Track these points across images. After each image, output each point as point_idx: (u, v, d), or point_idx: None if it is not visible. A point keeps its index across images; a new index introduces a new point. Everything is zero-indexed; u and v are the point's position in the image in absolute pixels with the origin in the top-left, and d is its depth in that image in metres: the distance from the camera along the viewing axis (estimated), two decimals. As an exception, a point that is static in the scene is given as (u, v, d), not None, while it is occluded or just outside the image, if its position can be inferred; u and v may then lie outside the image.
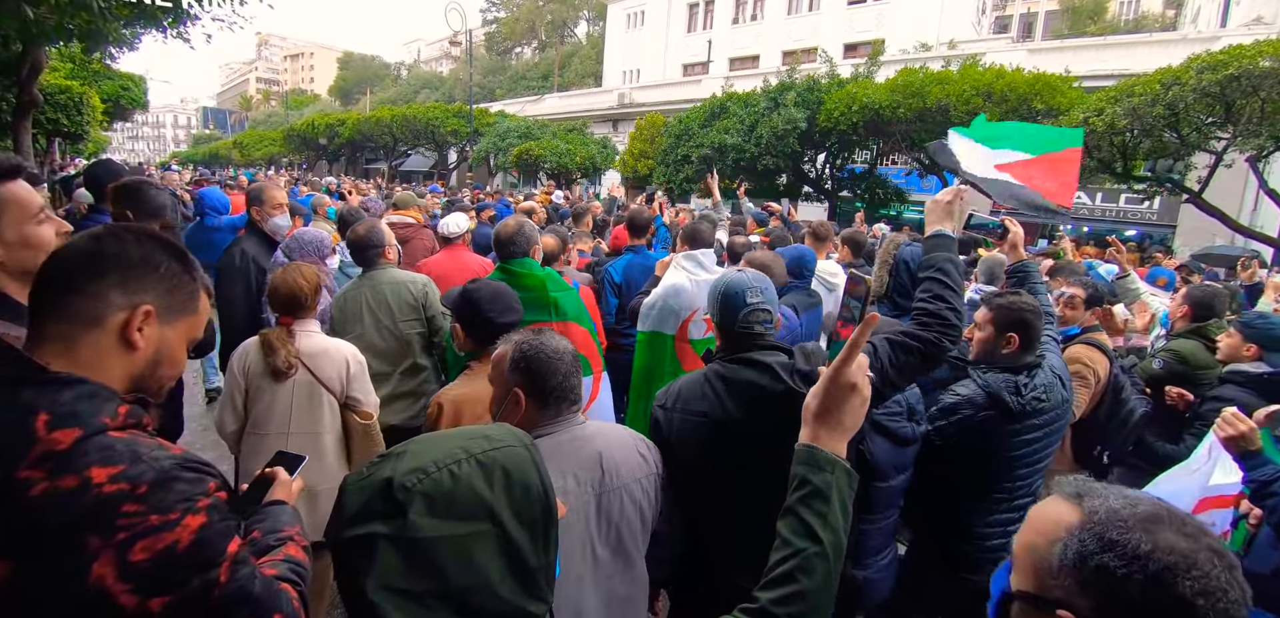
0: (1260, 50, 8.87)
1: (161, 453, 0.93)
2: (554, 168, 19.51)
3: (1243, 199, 12.89)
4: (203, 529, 0.91)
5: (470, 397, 1.99)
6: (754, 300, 1.68)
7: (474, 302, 2.12)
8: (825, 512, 0.94)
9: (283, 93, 69.65)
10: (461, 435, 0.89)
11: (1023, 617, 0.82)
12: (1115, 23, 39.06)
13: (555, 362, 1.46)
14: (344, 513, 0.81)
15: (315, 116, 34.74)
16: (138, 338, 0.99)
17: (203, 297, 1.10)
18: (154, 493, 0.88)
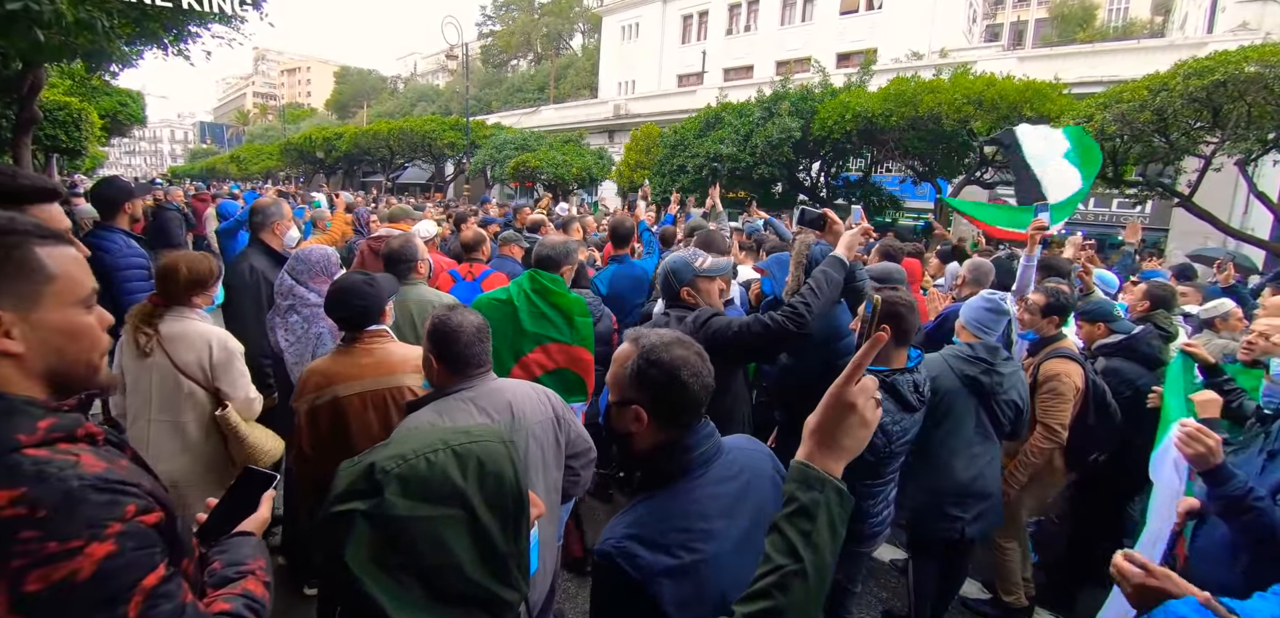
0: (1246, 56, 9.02)
1: (72, 472, 0.85)
2: (551, 179, 19.60)
3: (1233, 202, 13.03)
4: (108, 559, 0.83)
5: (333, 371, 2.19)
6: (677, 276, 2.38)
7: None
8: (810, 531, 0.92)
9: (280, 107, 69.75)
10: (446, 429, 0.98)
11: (616, 418, 1.29)
12: (1104, 30, 39.47)
13: (459, 332, 1.82)
14: (333, 491, 0.89)
15: (312, 130, 34.83)
16: (9, 344, 0.89)
17: (47, 251, 0.94)
18: (55, 518, 0.81)
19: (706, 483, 1.24)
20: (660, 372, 1.24)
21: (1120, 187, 11.16)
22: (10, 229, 0.91)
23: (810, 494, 0.94)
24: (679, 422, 1.26)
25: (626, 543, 1.14)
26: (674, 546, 1.14)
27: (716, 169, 13.96)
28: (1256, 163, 10.16)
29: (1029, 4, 44.96)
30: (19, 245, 0.91)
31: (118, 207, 3.77)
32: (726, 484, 1.26)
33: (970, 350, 2.77)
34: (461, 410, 1.78)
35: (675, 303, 2.51)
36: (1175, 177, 10.92)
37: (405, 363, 2.24)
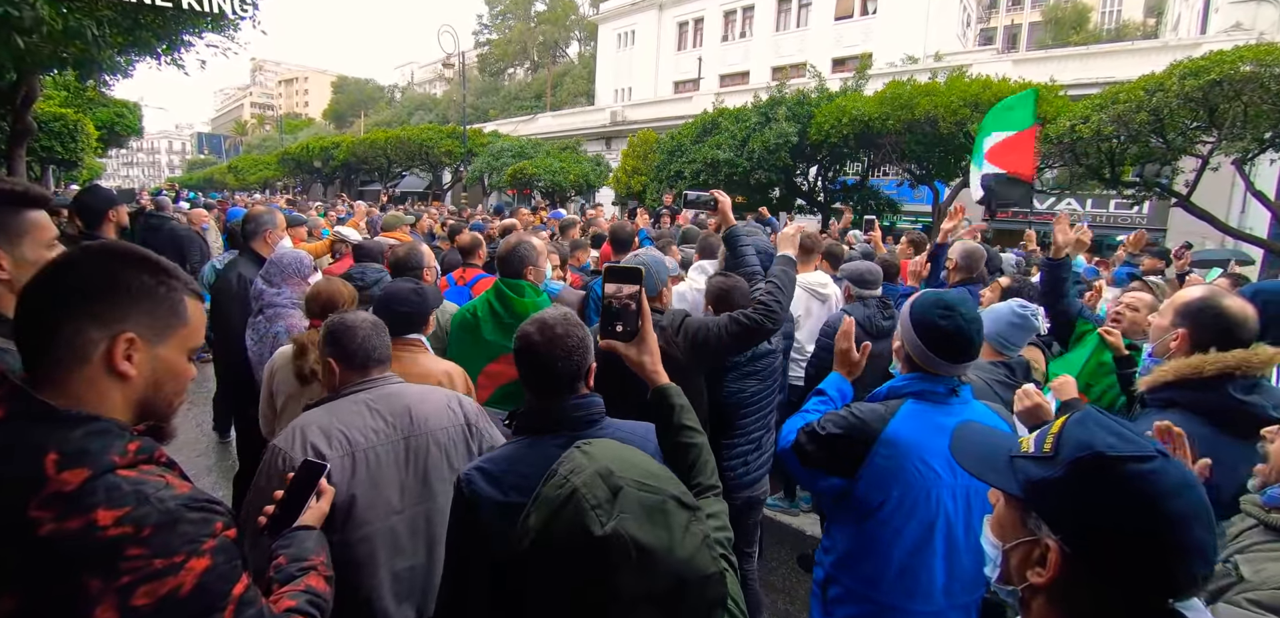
0: (1241, 55, 9.02)
1: (168, 493, 0.92)
2: (548, 186, 19.59)
3: (1230, 201, 13.03)
4: (206, 573, 0.91)
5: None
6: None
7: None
8: (696, 422, 1.42)
9: (277, 117, 69.80)
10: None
11: None
12: (1097, 33, 39.64)
13: (353, 331, 1.77)
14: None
15: (310, 140, 34.85)
16: (126, 367, 0.95)
17: (190, 302, 1.05)
18: (158, 536, 0.87)
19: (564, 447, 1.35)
20: (524, 344, 1.43)
21: (1118, 187, 11.15)
22: (175, 273, 1.03)
23: (684, 398, 1.43)
24: (539, 390, 1.43)
25: (471, 471, 1.38)
26: (508, 487, 1.32)
27: (728, 176, 13.93)
28: (1253, 162, 10.15)
29: (1023, 7, 45.18)
30: (176, 290, 1.02)
31: (102, 215, 3.74)
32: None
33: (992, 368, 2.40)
34: (354, 413, 1.70)
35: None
36: (1172, 177, 10.90)
37: (427, 376, 2.23)
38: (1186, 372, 1.80)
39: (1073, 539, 0.80)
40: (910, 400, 1.75)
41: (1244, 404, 1.71)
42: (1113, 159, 10.53)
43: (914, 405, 1.74)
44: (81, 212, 3.87)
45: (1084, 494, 0.79)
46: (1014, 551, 0.89)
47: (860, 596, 1.79)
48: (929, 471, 1.68)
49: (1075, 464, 0.79)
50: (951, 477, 1.70)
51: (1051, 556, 0.81)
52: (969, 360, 1.75)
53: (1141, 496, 0.75)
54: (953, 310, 1.70)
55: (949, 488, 1.70)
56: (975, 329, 1.72)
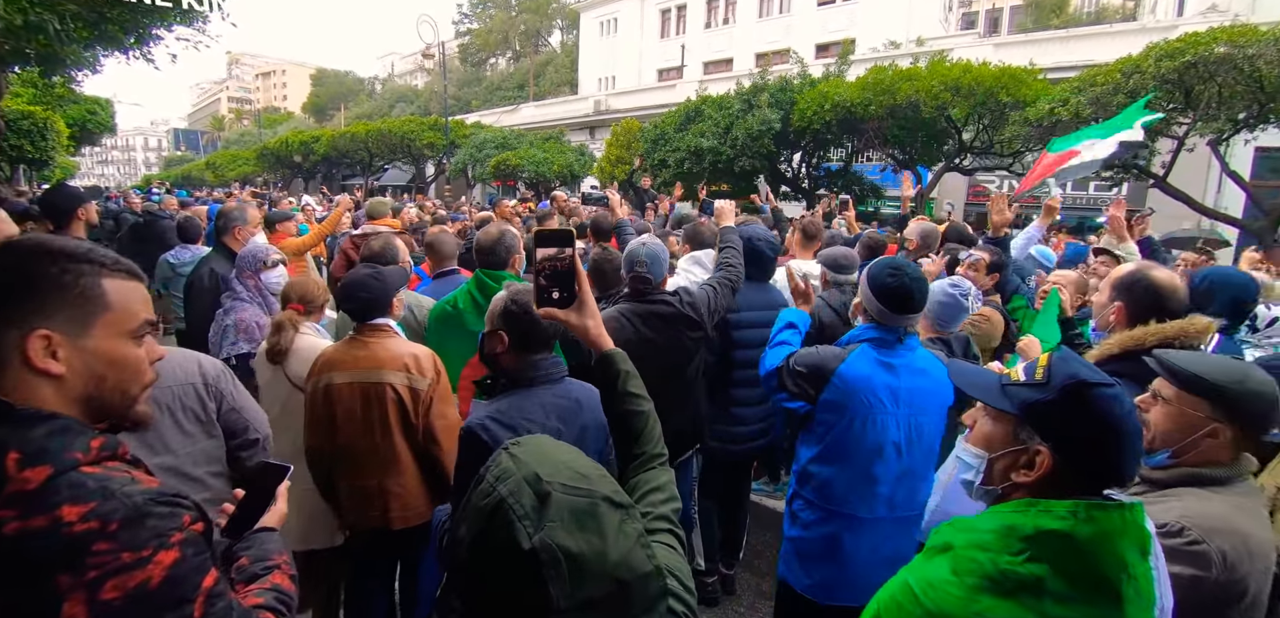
0: (1215, 37, 9.13)
1: (134, 488, 0.91)
2: (532, 177, 19.45)
3: (1206, 181, 13.22)
4: (176, 565, 0.90)
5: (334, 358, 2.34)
6: (639, 267, 2.58)
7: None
8: (641, 388, 1.37)
9: (256, 111, 68.60)
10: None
11: (487, 341, 1.81)
12: (1077, 15, 39.92)
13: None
14: None
15: (289, 134, 34.29)
16: (51, 365, 0.92)
17: (113, 284, 0.98)
18: (125, 530, 0.87)
19: (548, 394, 1.78)
20: (520, 309, 1.74)
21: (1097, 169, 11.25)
22: (84, 257, 0.97)
23: (630, 364, 1.38)
24: (530, 348, 1.78)
25: (486, 421, 1.66)
26: (519, 426, 1.65)
27: (759, 169, 13.91)
28: (1228, 142, 10.30)
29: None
30: (87, 275, 0.96)
31: (70, 214, 3.71)
32: (562, 400, 1.79)
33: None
34: None
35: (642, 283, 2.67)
36: (1150, 157, 11.03)
37: (392, 360, 2.31)
38: (1130, 344, 1.93)
39: (1060, 446, 1.05)
40: (865, 345, 2.10)
41: None
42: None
43: (867, 349, 2.09)
44: (49, 211, 3.84)
45: (1070, 411, 1.04)
46: (1000, 458, 1.13)
47: (818, 506, 2.15)
48: (876, 401, 2.03)
49: (1064, 388, 1.04)
50: (895, 408, 2.03)
51: (1042, 459, 1.06)
52: (912, 313, 2.08)
53: (1110, 414, 1.01)
54: (899, 271, 2.07)
55: (893, 417, 2.03)
56: (917, 287, 2.06)
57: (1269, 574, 1.32)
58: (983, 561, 1.02)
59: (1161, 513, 1.32)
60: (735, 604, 3.35)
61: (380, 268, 2.51)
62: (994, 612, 0.98)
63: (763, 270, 3.07)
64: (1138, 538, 1.00)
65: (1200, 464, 1.40)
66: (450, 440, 2.30)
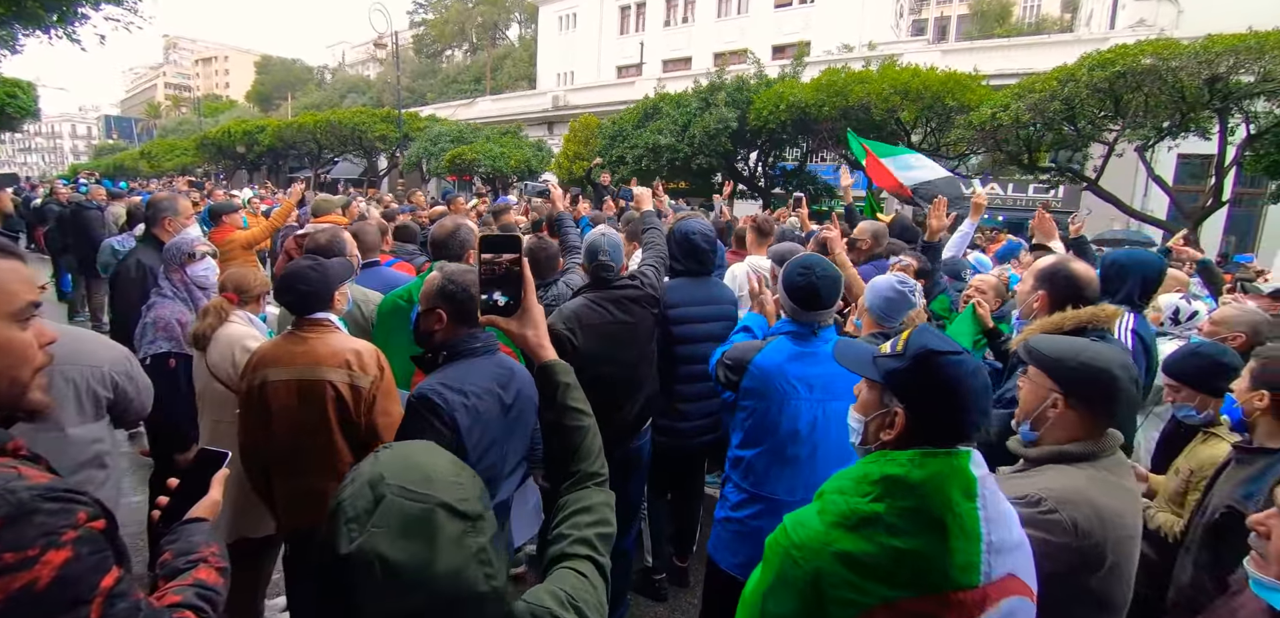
0: (1142, 49, 9.67)
1: (20, 484, 0.85)
2: (489, 172, 19.14)
3: (1134, 185, 13.99)
4: (68, 565, 0.84)
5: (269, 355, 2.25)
6: (603, 257, 2.66)
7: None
8: (583, 401, 1.29)
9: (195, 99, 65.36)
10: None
11: (423, 320, 1.95)
12: (1019, 25, 41.72)
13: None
14: None
15: (232, 124, 32.82)
16: None
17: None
18: (9, 529, 0.82)
19: (488, 364, 1.93)
20: (458, 288, 1.88)
21: (1035, 172, 11.79)
22: None
23: (572, 376, 1.31)
24: (469, 322, 1.90)
25: (437, 386, 1.77)
26: (469, 392, 1.80)
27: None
28: (1153, 149, 10.93)
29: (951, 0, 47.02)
30: None
31: None
32: (500, 368, 1.94)
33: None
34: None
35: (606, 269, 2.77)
36: (1083, 162, 11.61)
37: (333, 357, 2.20)
38: (1050, 328, 2.08)
39: (912, 406, 1.20)
40: (783, 338, 2.21)
41: None
42: (1030, 146, 11.13)
43: (784, 341, 2.20)
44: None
45: (919, 376, 1.18)
46: (872, 420, 1.29)
47: (744, 488, 2.25)
48: (789, 387, 2.12)
49: (915, 356, 1.19)
50: (809, 395, 2.12)
51: (898, 419, 1.21)
52: (821, 308, 2.17)
53: (951, 377, 1.15)
54: (809, 270, 2.16)
55: (807, 403, 2.12)
56: (826, 285, 2.15)
57: (1128, 542, 1.44)
58: (840, 502, 1.18)
59: (1027, 486, 1.47)
60: (688, 596, 3.36)
61: (321, 260, 2.43)
62: (842, 542, 1.14)
63: (700, 264, 3.02)
64: (962, 481, 1.13)
65: (1062, 441, 1.54)
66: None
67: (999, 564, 1.13)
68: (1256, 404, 1.86)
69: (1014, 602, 1.15)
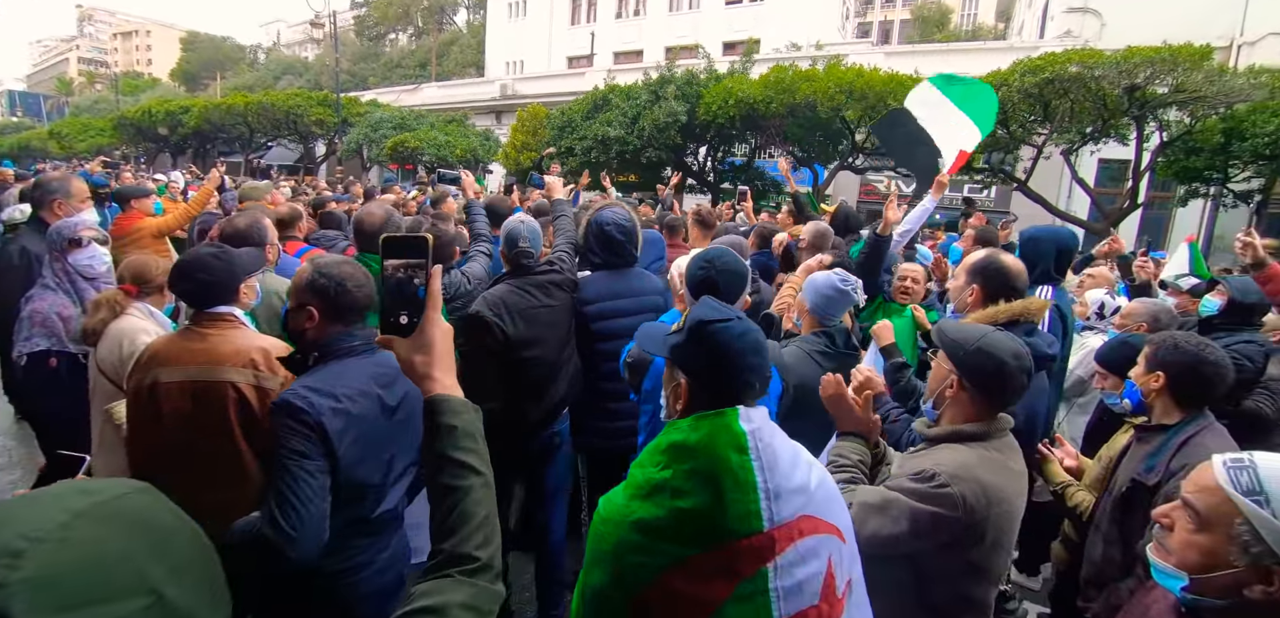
0: (1069, 57, 10.17)
1: None
2: (433, 161, 18.54)
3: (1060, 187, 14.74)
4: None
5: (162, 352, 2.01)
6: (522, 244, 2.66)
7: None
8: (476, 448, 1.00)
9: (113, 76, 60.94)
10: (61, 490, 0.62)
11: (293, 318, 1.77)
12: (957, 32, 43.49)
13: None
14: None
15: (152, 102, 30.69)
16: None
17: None
18: None
19: (366, 364, 1.75)
20: (330, 282, 1.71)
21: (970, 172, 12.26)
22: None
23: (464, 417, 1.01)
24: (342, 319, 1.74)
25: (302, 391, 1.60)
26: (341, 394, 1.63)
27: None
28: (1077, 153, 11.53)
29: (895, 5, 48.58)
30: None
31: None
32: (382, 368, 1.76)
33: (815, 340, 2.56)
34: None
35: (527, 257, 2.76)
36: (1014, 164, 12.14)
37: (236, 356, 1.96)
38: (984, 320, 2.11)
39: (690, 373, 1.28)
40: None
41: (1027, 344, 2.08)
42: (966, 147, 11.54)
43: None
44: None
45: (693, 346, 1.27)
46: (670, 394, 1.35)
47: None
48: None
49: (690, 328, 1.27)
50: None
51: (681, 388, 1.29)
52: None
53: (721, 344, 1.24)
54: (709, 263, 2.11)
55: None
56: (728, 278, 2.09)
57: (1008, 519, 1.54)
58: (638, 474, 1.24)
59: (922, 462, 1.59)
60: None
61: (227, 248, 2.21)
62: (640, 510, 1.19)
63: (619, 256, 2.85)
64: (732, 438, 1.20)
65: (958, 422, 1.65)
66: None
67: (783, 508, 1.19)
68: (1152, 385, 2.00)
69: (816, 540, 1.23)
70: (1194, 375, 1.93)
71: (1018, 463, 1.64)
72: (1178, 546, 1.11)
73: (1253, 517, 0.99)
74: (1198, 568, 1.07)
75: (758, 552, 1.16)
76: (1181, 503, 1.13)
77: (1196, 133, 10.14)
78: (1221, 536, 1.04)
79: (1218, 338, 2.60)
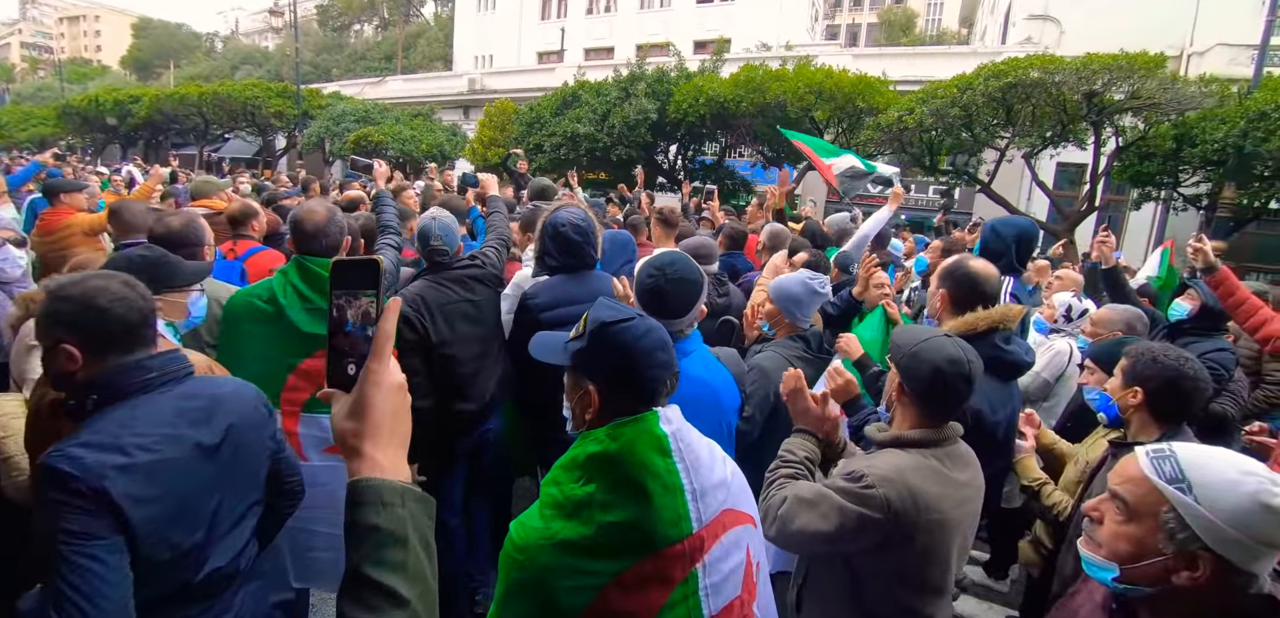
0: (1031, 63, 10.37)
1: None
2: (398, 156, 18.08)
3: (1021, 189, 15.09)
4: None
5: None
6: (434, 242, 2.61)
7: None
8: (404, 560, 0.70)
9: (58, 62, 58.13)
10: None
11: (48, 360, 1.34)
12: (922, 36, 44.39)
13: None
14: None
15: (100, 91, 29.30)
16: None
17: None
18: None
19: (169, 399, 1.37)
20: (73, 306, 1.30)
21: (935, 174, 12.44)
22: None
23: (391, 514, 0.71)
24: (115, 348, 1.32)
25: (73, 450, 1.20)
26: (131, 447, 1.25)
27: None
28: (1038, 156, 11.79)
29: (863, 8, 49.35)
30: None
31: None
32: (191, 401, 1.40)
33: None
34: None
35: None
36: (977, 166, 12.36)
37: None
38: (964, 328, 2.08)
39: (598, 380, 1.22)
40: None
41: (1005, 353, 2.11)
42: (931, 149, 11.73)
43: None
44: None
45: (598, 349, 1.22)
46: (575, 404, 1.28)
47: None
48: None
49: (591, 332, 1.23)
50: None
51: (591, 396, 1.22)
52: (676, 316, 1.94)
53: (625, 343, 1.20)
54: (660, 271, 1.96)
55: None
56: (676, 290, 1.94)
57: (941, 529, 1.51)
58: (555, 493, 1.18)
59: (857, 464, 1.60)
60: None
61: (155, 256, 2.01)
62: (564, 531, 1.13)
63: (576, 258, 2.62)
64: (654, 442, 1.18)
65: (903, 427, 1.63)
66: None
67: (708, 506, 1.19)
68: (1130, 401, 1.94)
69: (737, 533, 1.24)
70: (1173, 391, 1.88)
71: (964, 474, 1.61)
72: (1107, 538, 1.13)
73: (1177, 504, 1.02)
74: (1127, 558, 1.09)
75: (689, 555, 1.16)
76: (1109, 495, 1.15)
77: (1150, 139, 10.45)
78: (1149, 524, 1.06)
79: (1188, 343, 2.60)
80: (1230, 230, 10.56)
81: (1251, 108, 9.01)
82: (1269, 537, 0.96)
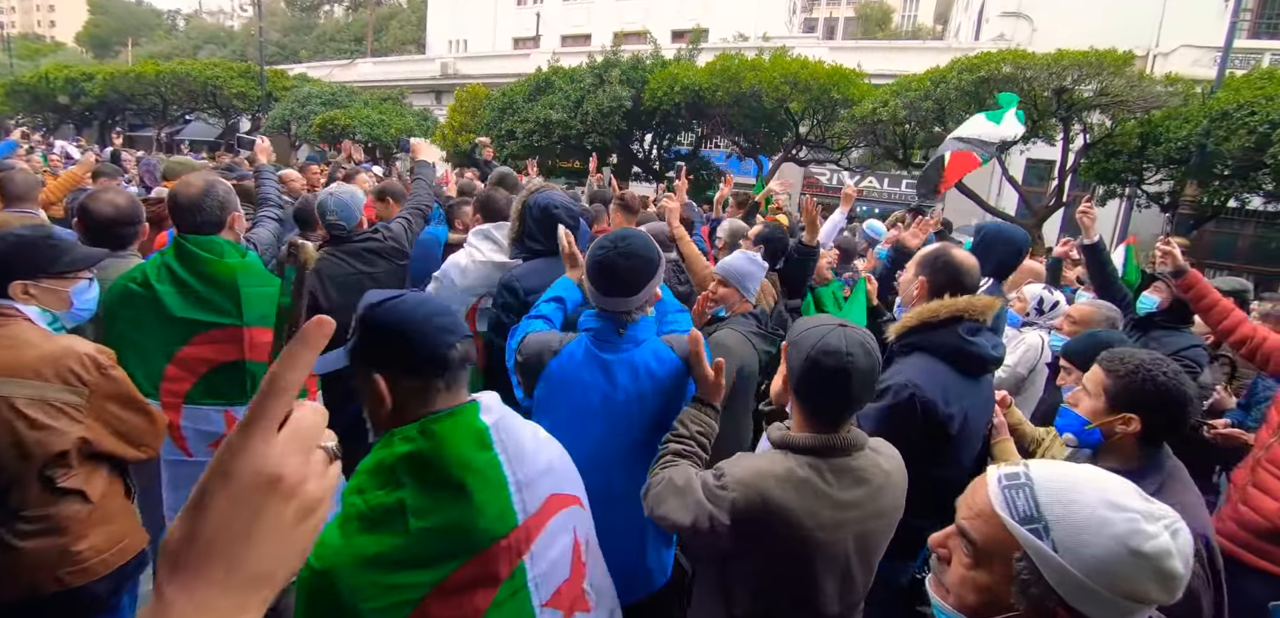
0: (1004, 57, 10.42)
1: None
2: (366, 139, 17.59)
3: (991, 183, 15.24)
4: None
5: None
6: (330, 217, 2.70)
7: None
8: None
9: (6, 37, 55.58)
10: None
11: None
12: (898, 30, 44.84)
13: None
14: None
15: (50, 68, 28.01)
16: None
17: None
18: None
19: None
20: None
21: (908, 167, 12.47)
22: None
23: None
24: None
25: None
26: None
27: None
28: (1007, 151, 11.86)
29: (840, 2, 49.58)
30: None
31: None
32: None
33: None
34: None
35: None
36: (949, 160, 12.40)
37: (35, 366, 1.57)
38: (926, 315, 1.99)
39: (381, 367, 1.11)
40: (584, 337, 1.79)
41: (970, 345, 1.96)
42: (905, 142, 11.73)
43: (585, 341, 1.77)
44: None
45: (371, 335, 1.13)
46: (369, 404, 1.16)
47: None
48: (584, 403, 1.73)
49: (360, 321, 1.14)
50: (608, 414, 1.73)
51: (380, 388, 1.10)
52: (625, 296, 1.74)
53: (399, 319, 1.11)
54: (611, 245, 1.75)
55: (604, 419, 1.73)
56: (627, 266, 1.72)
57: (801, 544, 1.35)
58: (357, 503, 1.04)
59: (726, 463, 1.45)
60: None
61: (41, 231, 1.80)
62: (371, 546, 1.00)
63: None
64: (473, 435, 1.10)
65: (795, 430, 1.45)
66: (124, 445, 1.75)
67: (534, 496, 1.14)
68: (1122, 428, 1.58)
69: (562, 516, 1.20)
70: (1169, 416, 1.55)
71: (851, 492, 1.38)
72: (954, 582, 0.91)
73: (1031, 551, 0.81)
74: (975, 610, 0.87)
75: (514, 548, 1.10)
76: (956, 529, 0.92)
77: (1116, 136, 10.58)
78: (1000, 572, 0.85)
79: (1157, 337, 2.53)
80: (1191, 228, 10.79)
81: (1214, 108, 9.17)
82: (1137, 590, 0.77)
